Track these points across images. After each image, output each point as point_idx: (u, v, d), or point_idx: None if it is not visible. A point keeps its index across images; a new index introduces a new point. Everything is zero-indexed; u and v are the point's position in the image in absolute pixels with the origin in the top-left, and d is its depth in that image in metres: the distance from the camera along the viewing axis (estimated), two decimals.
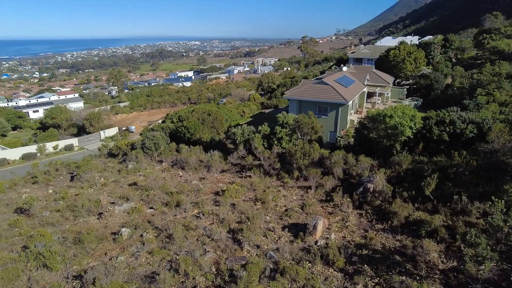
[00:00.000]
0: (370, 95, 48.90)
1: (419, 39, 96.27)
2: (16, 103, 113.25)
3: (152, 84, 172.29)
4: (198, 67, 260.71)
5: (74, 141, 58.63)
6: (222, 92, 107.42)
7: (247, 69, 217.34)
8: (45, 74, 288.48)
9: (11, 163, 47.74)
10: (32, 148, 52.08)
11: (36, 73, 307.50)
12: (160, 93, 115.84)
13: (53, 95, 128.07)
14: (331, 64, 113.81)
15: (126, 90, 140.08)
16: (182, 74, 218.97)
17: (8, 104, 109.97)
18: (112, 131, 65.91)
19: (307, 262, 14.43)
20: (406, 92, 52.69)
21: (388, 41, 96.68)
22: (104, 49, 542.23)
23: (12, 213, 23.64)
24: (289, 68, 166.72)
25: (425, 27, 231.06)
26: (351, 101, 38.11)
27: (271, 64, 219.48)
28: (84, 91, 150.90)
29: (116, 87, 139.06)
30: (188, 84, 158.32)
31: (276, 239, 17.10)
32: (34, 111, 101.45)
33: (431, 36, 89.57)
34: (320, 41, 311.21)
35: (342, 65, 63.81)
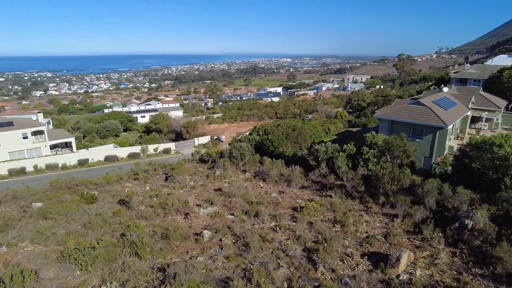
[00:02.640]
0: (474, 120, 43.40)
1: None
2: (129, 108, 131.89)
3: (244, 98, 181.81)
4: (287, 83, 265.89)
5: (172, 145, 64.96)
6: (308, 108, 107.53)
7: (336, 86, 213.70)
8: (153, 85, 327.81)
9: (120, 160, 55.17)
10: (137, 149, 59.38)
11: (147, 83, 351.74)
12: (250, 107, 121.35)
13: (158, 103, 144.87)
14: (430, 84, 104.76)
15: (220, 103, 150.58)
16: (272, 89, 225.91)
17: (122, 109, 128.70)
18: (205, 139, 71.20)
19: None
20: None
21: (503, 60, 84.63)
22: (204, 64, 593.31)
23: (116, 204, 27.15)
24: (381, 87, 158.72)
25: None
26: (451, 125, 34.38)
27: (362, 82, 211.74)
28: (184, 101, 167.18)
29: (211, 99, 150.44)
30: (276, 99, 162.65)
31: (354, 265, 16.16)
32: (141, 116, 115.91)
33: None
34: (419, 59, 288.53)
35: (442, 85, 58.21)
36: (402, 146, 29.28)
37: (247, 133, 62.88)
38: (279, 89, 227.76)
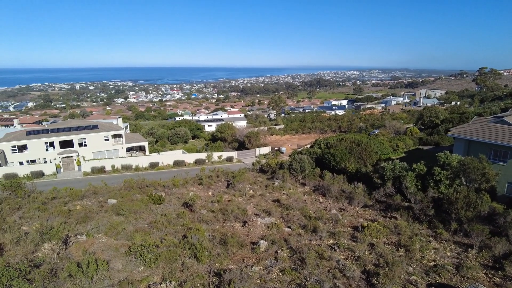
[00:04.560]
0: None
1: None
2: (198, 117, 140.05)
3: (306, 110, 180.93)
4: (353, 96, 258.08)
5: (235, 154, 66.94)
6: (375, 122, 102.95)
7: (406, 100, 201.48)
8: (221, 96, 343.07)
9: (187, 165, 58.37)
10: (203, 155, 62.32)
11: (215, 94, 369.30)
12: (313, 119, 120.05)
13: (224, 114, 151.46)
14: None
15: (282, 114, 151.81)
16: (336, 102, 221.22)
17: (192, 118, 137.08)
18: (266, 150, 72.05)
19: None
20: None
21: None
22: (269, 77, 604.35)
23: (180, 206, 28.70)
24: (458, 103, 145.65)
25: None
26: None
27: (436, 97, 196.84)
28: (248, 112, 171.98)
29: (274, 111, 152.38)
30: (340, 112, 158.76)
31: None
32: (209, 125, 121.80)
33: None
34: (505, 73, 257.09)
35: None
36: (480, 169, 26.37)
37: (308, 146, 62.10)
38: (344, 102, 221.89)
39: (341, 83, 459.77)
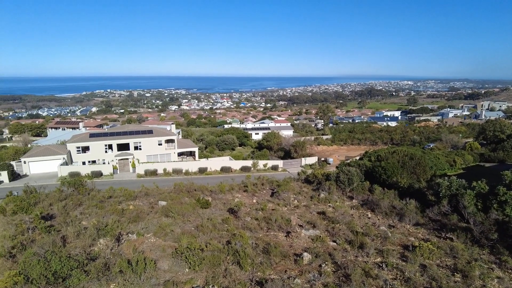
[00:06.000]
0: None
1: None
2: (245, 125, 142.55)
3: (356, 121, 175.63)
4: (407, 107, 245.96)
5: (280, 163, 66.80)
6: (430, 136, 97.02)
7: (466, 113, 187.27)
8: (268, 105, 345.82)
9: (233, 171, 59.42)
10: (248, 163, 63.03)
11: (263, 103, 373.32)
12: (362, 130, 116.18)
13: (271, 122, 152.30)
14: None
15: (330, 124, 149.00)
16: (388, 113, 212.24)
17: (240, 126, 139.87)
18: (312, 160, 70.95)
19: None
20: None
21: None
22: (317, 86, 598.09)
23: (225, 211, 29.23)
24: None
25: None
26: None
27: (502, 110, 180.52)
28: (295, 121, 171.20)
29: (322, 121, 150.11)
30: (393, 124, 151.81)
31: None
32: (255, 133, 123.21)
33: None
34: None
35: None
36: None
37: (357, 158, 60.05)
38: (397, 113, 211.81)
39: (393, 93, 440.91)
